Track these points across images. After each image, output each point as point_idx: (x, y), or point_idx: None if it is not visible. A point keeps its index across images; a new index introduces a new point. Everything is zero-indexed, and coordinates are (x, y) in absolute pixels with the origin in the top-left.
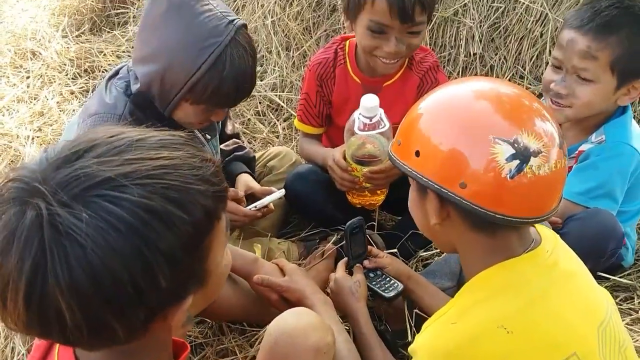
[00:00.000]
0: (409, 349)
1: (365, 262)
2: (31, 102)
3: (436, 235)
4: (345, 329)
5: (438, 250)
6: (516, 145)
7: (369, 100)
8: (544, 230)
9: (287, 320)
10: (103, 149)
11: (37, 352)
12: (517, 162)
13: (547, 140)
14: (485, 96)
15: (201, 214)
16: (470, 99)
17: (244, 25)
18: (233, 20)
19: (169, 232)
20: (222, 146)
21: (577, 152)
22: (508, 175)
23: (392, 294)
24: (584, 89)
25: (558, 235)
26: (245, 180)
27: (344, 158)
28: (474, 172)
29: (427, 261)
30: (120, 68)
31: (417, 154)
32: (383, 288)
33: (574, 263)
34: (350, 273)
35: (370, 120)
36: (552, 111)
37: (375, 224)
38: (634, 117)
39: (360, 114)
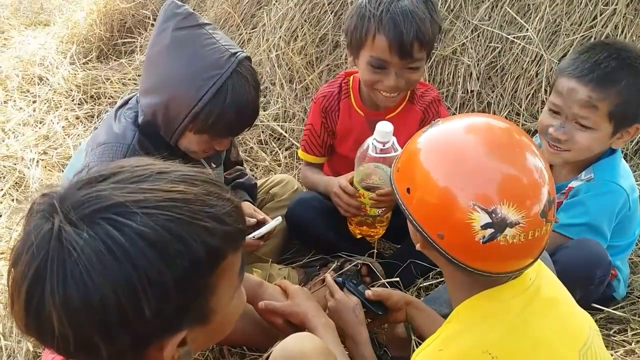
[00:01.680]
0: None
1: (368, 293)
2: (37, 125)
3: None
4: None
5: (438, 280)
6: (494, 216)
7: (385, 126)
8: None
9: (290, 345)
10: (125, 176)
11: None
12: (491, 230)
13: (528, 212)
14: (483, 154)
15: (202, 251)
16: (467, 156)
17: (247, 58)
18: (235, 52)
19: (162, 264)
20: (224, 174)
21: (567, 188)
22: (481, 240)
23: (384, 310)
24: (583, 135)
25: (542, 263)
26: (246, 209)
27: (351, 184)
28: (451, 228)
29: (427, 292)
30: (130, 98)
31: (408, 190)
32: (376, 306)
33: (556, 289)
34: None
35: (384, 146)
36: (549, 155)
37: (375, 251)
38: (625, 152)
39: (374, 139)
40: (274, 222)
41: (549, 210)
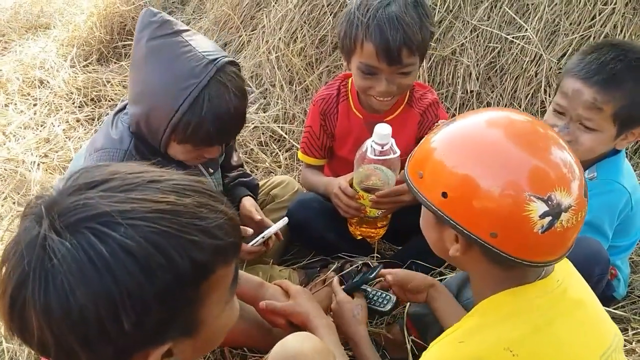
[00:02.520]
0: None
1: (388, 278)
2: (37, 128)
3: (450, 259)
4: (348, 355)
5: (437, 279)
6: (550, 203)
7: (383, 128)
8: None
9: (290, 344)
10: (115, 184)
11: None
12: (549, 218)
13: (576, 193)
14: (525, 150)
15: (187, 265)
16: (508, 151)
17: (231, 63)
18: (215, 59)
19: (143, 277)
20: (227, 174)
21: None
22: (540, 231)
23: (388, 307)
24: (587, 137)
25: (571, 264)
26: (247, 205)
27: (351, 185)
28: (507, 225)
29: None
30: (127, 104)
31: (445, 195)
32: (378, 303)
33: (583, 292)
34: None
35: (382, 148)
36: None
37: (375, 254)
38: (625, 151)
39: (373, 141)
40: (281, 223)
41: (586, 189)
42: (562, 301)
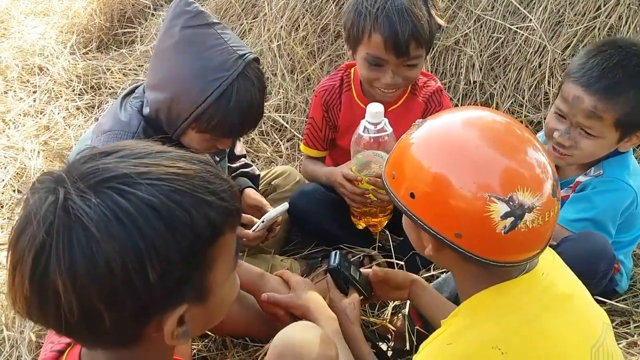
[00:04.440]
0: None
1: (370, 273)
2: (37, 116)
3: (432, 258)
4: None
5: (439, 271)
6: (511, 204)
7: (375, 107)
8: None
9: (291, 334)
10: (127, 152)
11: None
12: (511, 219)
13: (541, 193)
14: (487, 145)
15: (204, 223)
16: (469, 150)
17: (256, 60)
18: (244, 54)
19: (167, 232)
20: (230, 164)
21: (574, 182)
22: (502, 231)
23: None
24: (587, 142)
25: (556, 254)
26: (252, 194)
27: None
28: (469, 225)
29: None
30: (136, 87)
31: (412, 195)
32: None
33: (570, 284)
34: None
35: (375, 127)
36: (553, 157)
37: (376, 244)
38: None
39: (366, 120)
40: (282, 207)
41: (557, 189)
42: (549, 295)
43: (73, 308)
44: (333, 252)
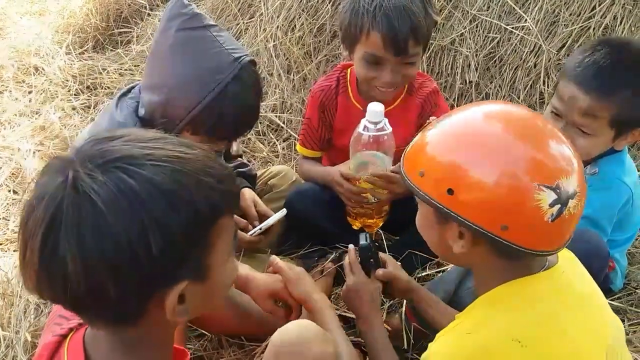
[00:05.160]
0: (422, 356)
1: (379, 273)
2: (33, 116)
3: (453, 257)
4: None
5: (435, 270)
6: (558, 191)
7: (376, 106)
8: (561, 251)
9: (290, 332)
10: (132, 137)
11: (46, 350)
12: (558, 206)
13: (579, 179)
14: (526, 140)
15: (205, 204)
16: (511, 144)
17: (252, 62)
18: (239, 57)
19: (169, 208)
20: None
21: None
22: (550, 219)
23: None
24: (583, 141)
25: (575, 256)
26: (250, 195)
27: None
28: (517, 216)
29: (425, 282)
30: (132, 87)
31: (451, 191)
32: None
33: (587, 285)
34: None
35: (376, 126)
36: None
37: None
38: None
39: (367, 120)
40: (279, 214)
41: (584, 175)
42: (568, 294)
43: (80, 280)
44: (363, 233)
